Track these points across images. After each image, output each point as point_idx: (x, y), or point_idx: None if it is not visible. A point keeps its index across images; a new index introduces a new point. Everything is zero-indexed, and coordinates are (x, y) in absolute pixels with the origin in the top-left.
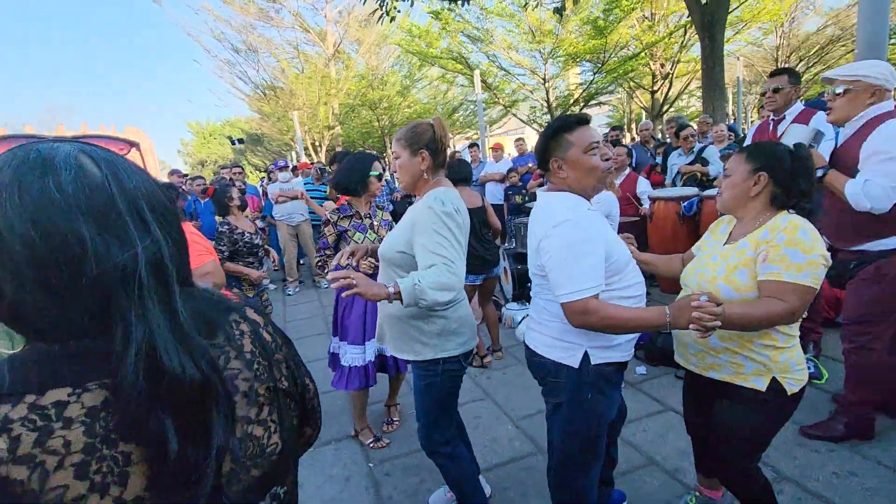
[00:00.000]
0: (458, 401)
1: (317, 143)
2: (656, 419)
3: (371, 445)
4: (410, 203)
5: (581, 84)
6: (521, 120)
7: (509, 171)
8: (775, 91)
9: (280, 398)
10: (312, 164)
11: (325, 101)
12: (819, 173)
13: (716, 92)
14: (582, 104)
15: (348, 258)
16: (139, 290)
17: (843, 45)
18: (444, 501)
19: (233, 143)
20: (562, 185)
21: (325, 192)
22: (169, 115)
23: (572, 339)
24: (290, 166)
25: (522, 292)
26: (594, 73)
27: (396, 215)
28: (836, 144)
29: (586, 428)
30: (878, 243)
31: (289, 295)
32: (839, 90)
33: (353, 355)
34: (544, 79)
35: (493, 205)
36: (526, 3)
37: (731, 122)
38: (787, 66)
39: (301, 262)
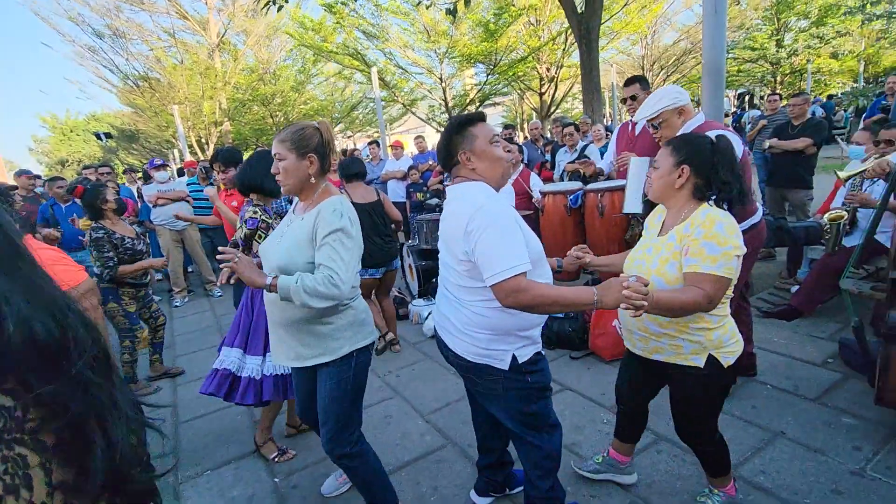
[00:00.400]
0: (368, 402)
1: (203, 140)
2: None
3: (276, 459)
4: None
5: (476, 84)
6: (421, 118)
7: (410, 168)
8: (633, 98)
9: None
10: (198, 162)
11: (210, 95)
12: None
13: (594, 95)
14: (478, 104)
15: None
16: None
17: (693, 57)
18: (335, 486)
19: (98, 138)
20: (473, 176)
21: None
22: (16, 108)
23: (498, 346)
24: (170, 166)
25: (428, 288)
26: (487, 75)
27: None
28: None
29: (540, 406)
30: None
31: (175, 307)
32: (655, 123)
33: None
34: (441, 78)
35: (395, 202)
36: (419, 2)
37: (609, 123)
38: (650, 73)
39: (189, 269)
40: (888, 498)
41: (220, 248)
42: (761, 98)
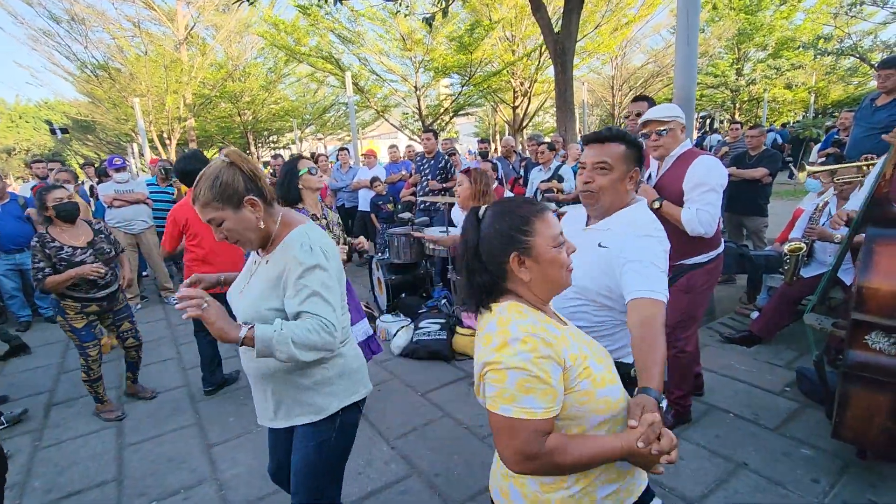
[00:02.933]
0: None
1: (165, 136)
2: (434, 427)
3: None
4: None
5: (451, 94)
6: (393, 125)
7: (373, 179)
8: (637, 115)
9: None
10: (159, 160)
11: (174, 89)
12: (656, 205)
13: (567, 113)
14: (451, 114)
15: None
16: None
17: (660, 80)
18: None
19: (53, 132)
20: None
21: (172, 195)
22: None
23: None
24: (129, 163)
25: (397, 303)
26: (462, 86)
27: None
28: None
29: None
30: (690, 259)
31: None
32: (662, 130)
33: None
34: (416, 87)
35: (362, 211)
36: (397, 11)
37: (580, 139)
38: (619, 92)
39: (145, 274)
40: None
41: (181, 289)
42: (721, 122)
